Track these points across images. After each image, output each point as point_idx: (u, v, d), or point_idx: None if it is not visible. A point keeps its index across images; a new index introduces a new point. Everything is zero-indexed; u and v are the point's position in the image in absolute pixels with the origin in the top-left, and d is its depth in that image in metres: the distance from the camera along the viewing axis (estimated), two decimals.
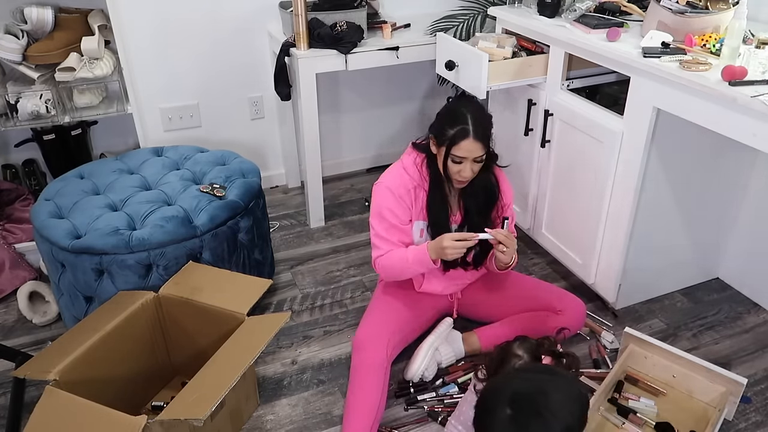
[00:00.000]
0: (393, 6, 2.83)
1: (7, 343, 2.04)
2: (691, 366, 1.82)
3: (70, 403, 1.45)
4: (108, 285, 1.89)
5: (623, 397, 1.82)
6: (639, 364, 1.91)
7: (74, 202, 2.01)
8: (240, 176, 2.18)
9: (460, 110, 1.73)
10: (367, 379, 1.74)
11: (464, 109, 1.73)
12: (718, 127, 1.62)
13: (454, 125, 1.71)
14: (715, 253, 2.32)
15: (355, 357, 1.80)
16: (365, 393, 1.72)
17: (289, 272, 2.47)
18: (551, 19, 2.19)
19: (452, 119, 1.73)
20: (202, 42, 2.65)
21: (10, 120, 2.27)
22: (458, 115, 1.72)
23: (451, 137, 1.71)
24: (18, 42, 2.21)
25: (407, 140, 3.23)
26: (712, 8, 1.85)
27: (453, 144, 1.71)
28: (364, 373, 1.75)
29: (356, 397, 1.73)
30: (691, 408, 1.82)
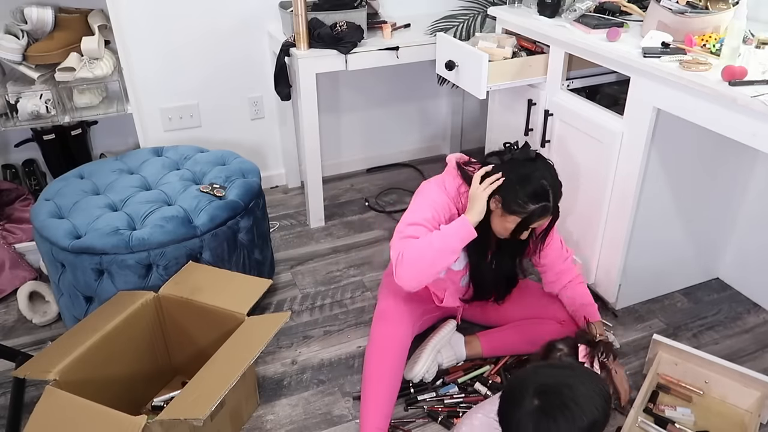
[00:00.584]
0: (393, 6, 2.83)
1: (7, 343, 2.04)
2: (724, 371, 1.81)
3: (70, 403, 1.45)
4: (108, 285, 1.89)
5: (659, 407, 1.81)
6: (670, 371, 1.89)
7: (74, 202, 2.02)
8: (240, 176, 2.18)
9: (541, 183, 1.63)
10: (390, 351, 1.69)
11: (545, 183, 1.63)
12: (718, 127, 1.62)
13: (535, 200, 1.62)
14: (715, 253, 2.32)
15: (376, 328, 1.75)
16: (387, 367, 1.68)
17: (289, 272, 2.47)
18: (551, 19, 2.19)
19: (533, 193, 1.62)
20: (202, 42, 2.65)
21: (10, 120, 2.27)
22: (541, 190, 1.62)
23: (530, 212, 1.63)
24: (18, 42, 2.21)
25: (407, 140, 3.29)
26: (712, 8, 1.85)
27: (530, 221, 1.64)
28: (386, 345, 1.70)
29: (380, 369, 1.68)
30: (726, 413, 1.81)
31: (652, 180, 1.94)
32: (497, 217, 1.70)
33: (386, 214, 2.86)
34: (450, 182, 1.78)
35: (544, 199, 1.63)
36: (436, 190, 1.76)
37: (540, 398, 1.25)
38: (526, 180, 1.64)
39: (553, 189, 1.65)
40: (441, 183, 1.78)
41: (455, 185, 1.77)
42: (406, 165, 3.30)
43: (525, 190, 1.63)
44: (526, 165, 1.67)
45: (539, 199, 1.63)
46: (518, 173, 1.65)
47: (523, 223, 1.65)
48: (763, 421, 1.78)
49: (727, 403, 1.83)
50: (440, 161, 3.33)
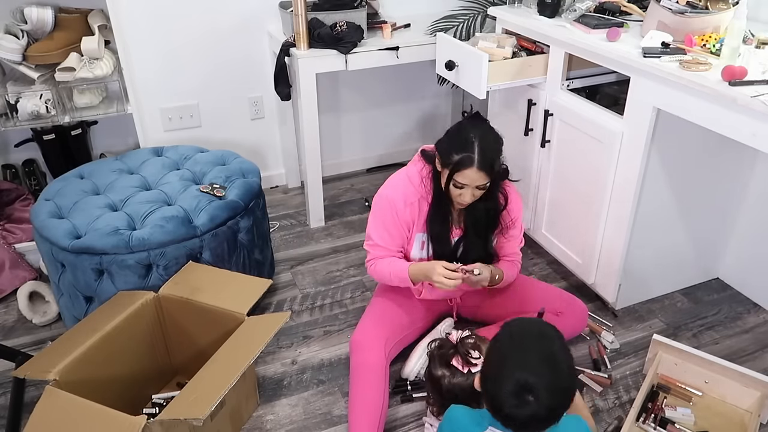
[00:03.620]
0: (393, 6, 2.83)
1: (7, 343, 2.04)
2: (724, 371, 1.81)
3: (70, 403, 1.45)
4: (108, 285, 1.89)
5: (659, 407, 1.81)
6: (669, 371, 1.90)
7: (74, 202, 2.02)
8: (240, 176, 2.18)
9: (468, 135, 1.68)
10: (368, 379, 1.74)
11: (472, 135, 1.68)
12: (718, 127, 1.62)
13: (459, 151, 1.67)
14: (715, 253, 2.32)
15: (353, 358, 1.80)
16: (368, 394, 1.72)
17: (289, 272, 2.47)
18: (551, 19, 2.19)
19: (459, 144, 1.68)
20: (202, 42, 2.65)
21: (10, 120, 2.27)
22: (465, 141, 1.67)
23: (455, 163, 1.67)
24: (18, 42, 2.21)
25: (407, 140, 3.29)
26: (712, 8, 1.85)
27: (456, 170, 1.68)
28: (364, 374, 1.75)
29: (359, 398, 1.72)
30: (726, 413, 1.81)
31: (652, 180, 1.94)
32: (442, 177, 1.76)
33: None
34: (412, 169, 1.85)
35: (467, 150, 1.67)
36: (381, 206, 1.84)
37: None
38: (454, 134, 1.74)
39: (481, 142, 1.67)
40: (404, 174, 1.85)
41: (417, 169, 1.84)
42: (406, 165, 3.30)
43: (453, 142, 1.71)
44: (465, 123, 1.78)
45: (463, 148, 1.67)
46: (452, 130, 1.76)
47: (449, 175, 1.70)
48: (763, 421, 1.78)
49: (727, 403, 1.83)
50: None
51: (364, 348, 1.79)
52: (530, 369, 1.22)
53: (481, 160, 1.66)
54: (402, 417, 1.83)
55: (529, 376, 1.21)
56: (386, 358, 1.79)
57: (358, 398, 1.72)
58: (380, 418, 1.70)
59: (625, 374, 1.97)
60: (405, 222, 1.83)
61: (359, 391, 1.73)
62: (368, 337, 1.81)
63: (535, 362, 1.24)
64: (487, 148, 1.69)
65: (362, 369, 1.76)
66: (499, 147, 1.74)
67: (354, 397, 1.73)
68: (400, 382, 1.91)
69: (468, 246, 1.88)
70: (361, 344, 1.80)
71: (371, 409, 1.70)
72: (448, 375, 1.66)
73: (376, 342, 1.80)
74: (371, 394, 1.71)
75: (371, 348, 1.78)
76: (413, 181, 1.82)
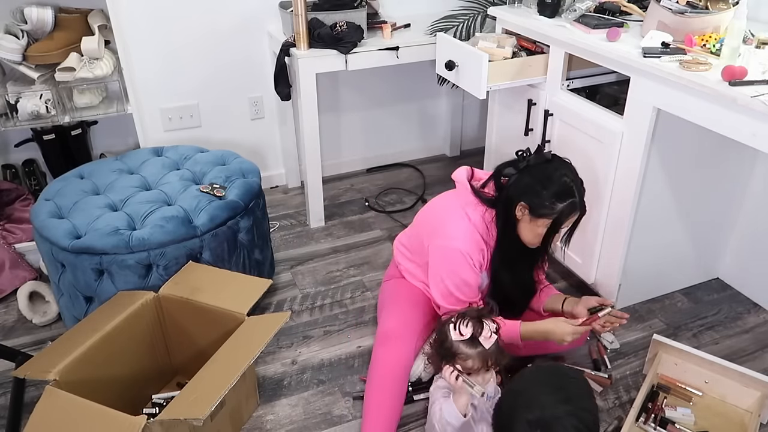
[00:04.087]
0: (393, 6, 2.83)
1: (7, 343, 2.04)
2: (724, 371, 1.80)
3: (70, 403, 1.45)
4: (108, 285, 1.89)
5: (659, 407, 1.80)
6: (669, 371, 1.89)
7: (74, 202, 2.02)
8: (240, 176, 2.18)
9: (563, 181, 1.62)
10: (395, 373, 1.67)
11: (567, 179, 1.62)
12: (718, 127, 1.62)
13: (561, 198, 1.60)
14: (715, 253, 2.32)
15: (381, 349, 1.71)
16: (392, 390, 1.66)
17: (289, 272, 2.47)
18: (551, 19, 2.19)
19: (559, 193, 1.61)
20: (202, 42, 2.65)
21: (10, 120, 2.27)
22: (565, 188, 1.61)
23: (560, 212, 1.61)
24: (18, 42, 2.21)
25: (407, 140, 3.29)
26: (712, 8, 1.85)
27: (561, 221, 1.62)
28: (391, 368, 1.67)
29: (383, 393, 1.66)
30: (726, 413, 1.81)
31: (652, 180, 1.94)
32: (526, 224, 1.67)
33: (386, 214, 2.86)
34: (473, 214, 1.71)
35: (570, 196, 1.62)
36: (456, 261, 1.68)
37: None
38: (548, 180, 1.63)
39: (577, 184, 1.64)
40: (467, 221, 1.71)
41: (479, 214, 1.72)
42: (406, 165, 3.30)
43: (550, 191, 1.62)
44: (545, 167, 1.67)
45: (566, 196, 1.61)
46: (539, 176, 1.64)
47: (554, 224, 1.63)
48: (763, 421, 1.78)
49: (727, 403, 1.83)
50: (440, 161, 3.34)
51: (395, 341, 1.70)
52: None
53: (581, 202, 1.64)
54: (402, 417, 1.82)
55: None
56: (414, 354, 1.74)
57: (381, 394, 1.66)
58: (398, 417, 1.67)
59: (625, 374, 1.97)
60: (481, 268, 1.73)
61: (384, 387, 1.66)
62: (399, 330, 1.72)
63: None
64: (582, 189, 1.65)
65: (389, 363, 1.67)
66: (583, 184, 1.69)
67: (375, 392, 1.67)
68: None
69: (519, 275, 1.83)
70: (391, 336, 1.71)
71: (392, 406, 1.65)
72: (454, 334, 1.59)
73: (407, 336, 1.72)
74: (395, 391, 1.66)
75: (402, 342, 1.70)
76: (479, 228, 1.71)
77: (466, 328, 1.55)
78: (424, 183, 3.11)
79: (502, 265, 1.76)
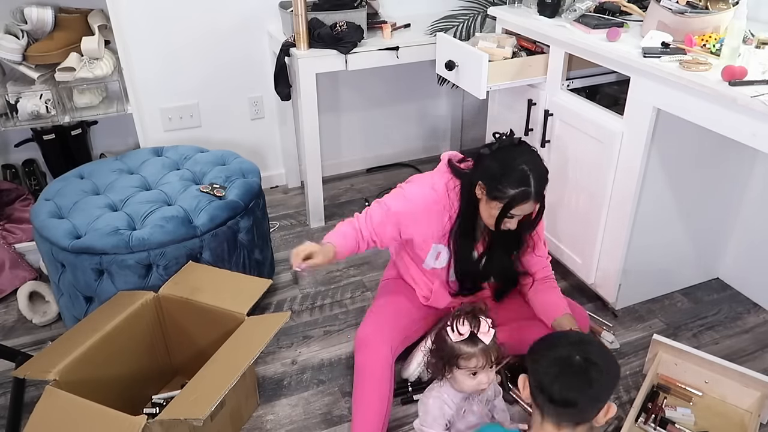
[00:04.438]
0: (393, 6, 2.83)
1: (7, 343, 2.04)
2: (724, 371, 1.80)
3: (70, 403, 1.45)
4: (108, 285, 1.89)
5: (659, 407, 1.81)
6: (669, 371, 1.89)
7: (74, 202, 2.02)
8: (240, 176, 2.19)
9: (521, 168, 1.62)
10: (374, 377, 1.71)
11: (526, 167, 1.62)
12: (718, 127, 1.62)
13: (515, 185, 1.61)
14: (715, 253, 2.32)
15: (358, 355, 1.76)
16: (373, 392, 1.69)
17: (289, 272, 2.47)
18: (551, 19, 2.19)
19: (513, 178, 1.61)
20: (202, 42, 2.65)
21: (10, 120, 2.27)
22: (521, 175, 1.61)
23: (510, 197, 1.61)
24: (18, 42, 2.21)
25: (407, 140, 3.29)
26: (712, 8, 1.85)
27: (512, 206, 1.63)
28: (369, 372, 1.71)
29: (365, 397, 1.70)
30: (726, 413, 1.81)
31: (652, 180, 1.94)
32: (483, 204, 1.70)
33: None
34: (438, 179, 1.78)
35: (523, 184, 1.62)
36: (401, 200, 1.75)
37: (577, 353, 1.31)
38: (507, 166, 1.64)
39: (535, 174, 1.63)
40: (429, 183, 1.78)
41: (443, 181, 1.77)
42: (406, 165, 3.30)
43: (505, 176, 1.63)
44: (510, 150, 1.69)
45: (519, 184, 1.62)
46: (501, 160, 1.66)
47: (505, 208, 1.65)
48: (763, 421, 1.78)
49: (727, 403, 1.83)
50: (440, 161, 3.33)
51: (370, 345, 1.75)
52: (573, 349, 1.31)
53: (537, 192, 1.63)
54: (402, 417, 1.83)
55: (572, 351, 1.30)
56: (393, 355, 1.77)
57: (363, 396, 1.70)
58: (385, 417, 1.68)
59: (625, 374, 1.97)
60: (408, 228, 1.76)
61: (365, 389, 1.71)
62: (374, 334, 1.78)
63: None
64: (542, 178, 1.65)
65: (368, 366, 1.73)
66: (547, 174, 1.68)
67: (359, 396, 1.72)
68: (400, 384, 1.91)
69: (491, 263, 1.85)
70: (366, 341, 1.77)
71: (376, 407, 1.68)
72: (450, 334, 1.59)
73: (382, 339, 1.76)
74: (377, 392, 1.69)
75: (377, 345, 1.75)
76: (437, 191, 1.75)
77: (464, 326, 1.55)
78: None
79: (461, 239, 1.79)
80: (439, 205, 1.76)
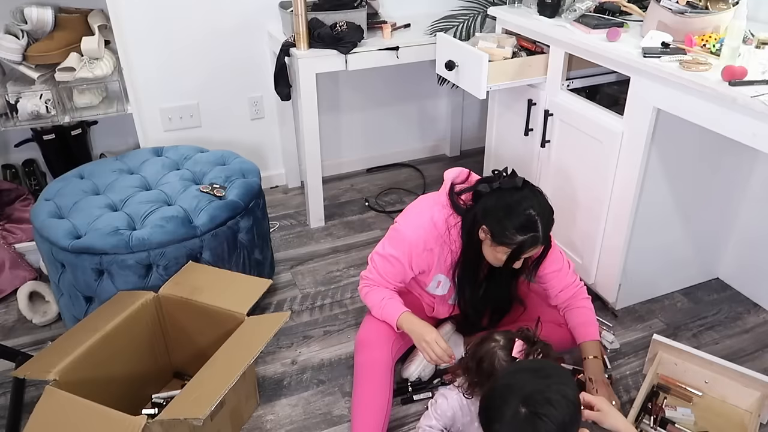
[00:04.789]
0: (393, 6, 2.83)
1: (7, 343, 2.04)
2: (724, 371, 1.80)
3: (70, 403, 1.45)
4: (108, 285, 1.89)
5: (659, 407, 1.80)
6: (669, 371, 1.89)
7: (74, 202, 2.01)
8: (240, 176, 2.18)
9: (529, 213, 1.58)
10: (374, 378, 1.71)
11: (533, 212, 1.58)
12: (718, 127, 1.62)
13: (523, 231, 1.57)
14: (715, 253, 2.32)
15: (358, 357, 1.78)
16: (373, 393, 1.70)
17: (289, 272, 2.47)
18: (551, 19, 2.19)
19: (521, 225, 1.57)
20: (202, 42, 2.65)
21: (10, 120, 2.27)
22: (529, 221, 1.57)
23: (519, 244, 1.58)
24: (18, 42, 2.21)
25: (407, 140, 3.29)
26: (712, 8, 1.85)
27: (521, 252, 1.60)
28: (369, 373, 1.72)
29: (364, 398, 1.70)
30: (726, 413, 1.81)
31: (652, 180, 1.94)
32: (487, 247, 1.67)
33: (386, 214, 2.86)
34: (438, 213, 1.73)
35: (532, 229, 1.58)
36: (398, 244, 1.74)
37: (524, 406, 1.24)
38: (512, 211, 1.59)
39: (542, 218, 1.59)
40: (429, 216, 1.74)
41: (443, 217, 1.72)
42: (406, 165, 3.30)
43: (512, 222, 1.58)
44: (512, 194, 1.62)
45: (527, 230, 1.58)
46: (504, 203, 1.61)
47: (513, 254, 1.62)
48: (763, 421, 1.78)
49: (727, 403, 1.83)
50: (440, 161, 3.34)
51: (370, 346, 1.76)
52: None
53: (545, 236, 1.61)
54: (402, 417, 1.83)
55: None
56: (392, 357, 1.78)
57: (363, 397, 1.71)
58: (385, 418, 1.69)
59: (625, 374, 1.97)
60: (417, 265, 1.76)
61: (364, 390, 1.71)
62: (374, 336, 1.79)
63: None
64: (548, 222, 1.62)
65: (368, 367, 1.73)
66: (553, 215, 1.65)
67: (359, 397, 1.72)
68: (401, 384, 1.91)
69: (492, 290, 1.84)
70: (366, 343, 1.78)
71: (376, 408, 1.68)
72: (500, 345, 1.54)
73: (382, 340, 1.77)
74: (377, 393, 1.69)
75: (377, 346, 1.76)
76: (438, 227, 1.72)
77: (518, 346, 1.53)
78: (424, 183, 3.11)
79: (463, 276, 1.78)
80: (440, 240, 1.74)
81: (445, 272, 1.81)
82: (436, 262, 1.78)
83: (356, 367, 1.78)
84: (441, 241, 1.74)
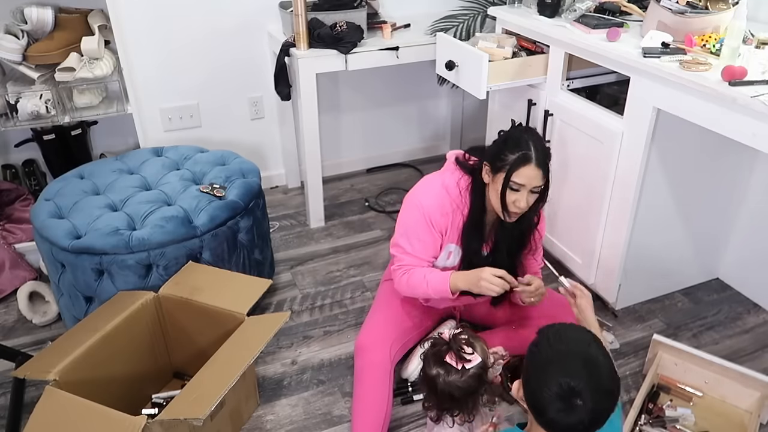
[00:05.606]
0: (393, 6, 2.83)
1: (7, 343, 2.04)
2: (724, 371, 1.80)
3: (70, 403, 1.45)
4: (108, 285, 1.89)
5: (659, 407, 1.81)
6: (669, 371, 1.89)
7: (74, 202, 2.01)
8: (240, 176, 2.18)
9: (521, 136, 1.65)
10: (373, 381, 1.72)
11: (526, 136, 1.65)
12: (718, 127, 1.62)
13: (515, 150, 1.62)
14: (715, 253, 2.32)
15: (358, 360, 1.79)
16: (373, 395, 1.71)
17: (289, 272, 2.47)
18: (551, 19, 2.19)
19: (513, 144, 1.63)
20: (202, 42, 2.65)
21: (10, 120, 2.27)
22: (520, 141, 1.63)
23: (511, 162, 1.62)
24: (18, 42, 2.21)
25: (407, 140, 3.29)
26: (712, 8, 1.85)
27: (513, 170, 1.62)
28: (369, 376, 1.73)
29: (364, 400, 1.71)
30: (726, 413, 1.81)
31: (652, 180, 1.94)
32: (491, 188, 1.70)
33: (386, 214, 2.86)
34: (449, 178, 1.78)
35: (523, 148, 1.62)
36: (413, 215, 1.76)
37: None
38: (506, 138, 1.68)
39: (534, 140, 1.64)
40: (439, 183, 1.78)
41: (454, 180, 1.78)
42: (406, 165, 3.30)
43: (506, 144, 1.66)
44: (513, 130, 1.73)
45: (519, 148, 1.63)
46: (503, 138, 1.70)
47: (507, 176, 1.64)
48: (763, 421, 1.78)
49: (727, 403, 1.83)
50: (440, 161, 3.32)
51: (370, 350, 1.77)
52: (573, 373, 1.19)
53: (538, 157, 1.63)
54: (402, 417, 1.83)
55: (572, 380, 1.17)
56: (391, 360, 1.78)
57: (363, 400, 1.72)
58: (384, 420, 1.69)
59: (625, 374, 1.97)
60: (439, 231, 1.77)
61: (364, 393, 1.72)
62: (374, 340, 1.80)
63: (577, 366, 1.20)
64: (542, 147, 1.65)
65: (367, 371, 1.74)
66: (547, 146, 1.70)
67: (359, 399, 1.73)
68: (400, 384, 1.91)
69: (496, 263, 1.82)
70: (366, 346, 1.79)
71: (376, 410, 1.69)
72: (442, 373, 1.54)
73: (381, 344, 1.78)
74: (376, 395, 1.70)
75: (377, 350, 1.77)
76: (450, 192, 1.76)
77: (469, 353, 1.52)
78: None
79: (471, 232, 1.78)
80: (452, 205, 1.76)
81: (455, 240, 1.80)
82: (449, 227, 1.78)
83: (356, 371, 1.78)
84: (453, 206, 1.76)
